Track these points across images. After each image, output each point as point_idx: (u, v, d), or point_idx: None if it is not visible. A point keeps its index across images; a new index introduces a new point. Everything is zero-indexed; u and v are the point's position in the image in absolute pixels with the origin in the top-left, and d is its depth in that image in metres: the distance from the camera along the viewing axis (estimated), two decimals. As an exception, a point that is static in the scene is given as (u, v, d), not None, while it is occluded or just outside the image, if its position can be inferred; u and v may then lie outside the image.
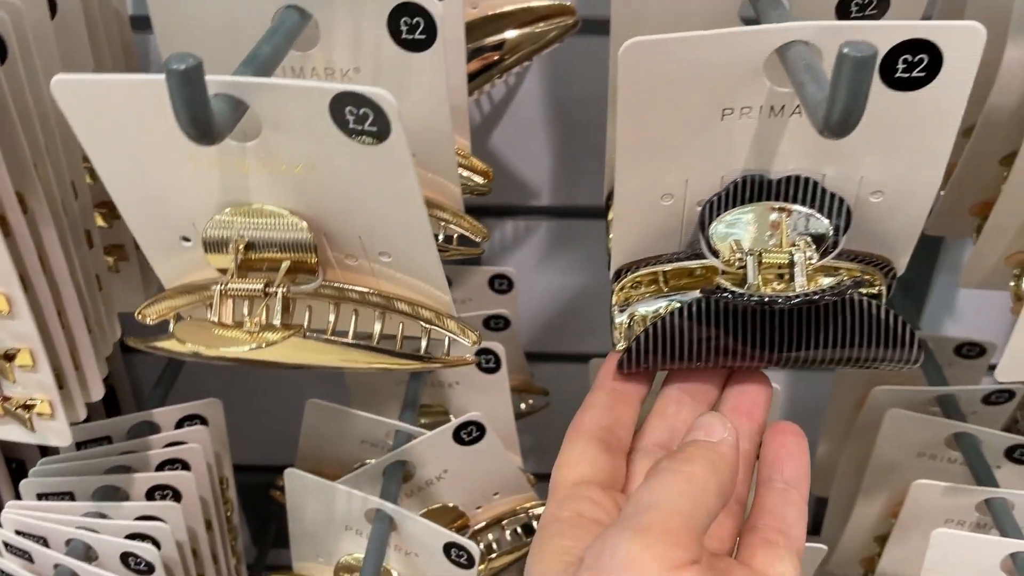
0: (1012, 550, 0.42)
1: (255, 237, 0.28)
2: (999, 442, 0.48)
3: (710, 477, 0.27)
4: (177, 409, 0.51)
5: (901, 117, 0.28)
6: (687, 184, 0.30)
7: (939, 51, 0.26)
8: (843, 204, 0.30)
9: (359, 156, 0.26)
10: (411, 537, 0.45)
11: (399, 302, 0.30)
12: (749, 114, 0.28)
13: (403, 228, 0.28)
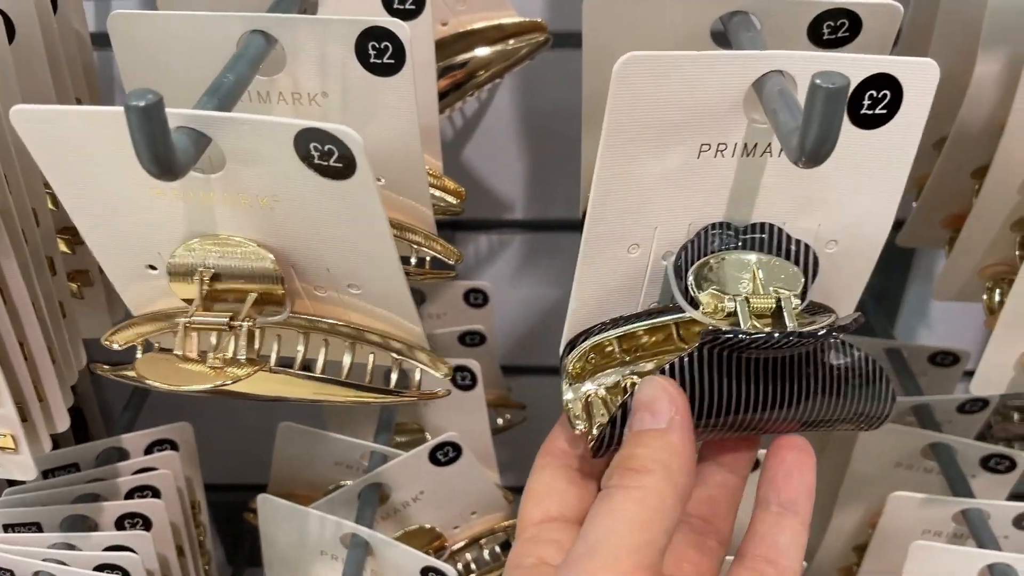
0: (989, 561, 0.43)
1: (221, 268, 0.27)
2: (974, 452, 0.49)
3: (665, 488, 0.25)
4: (146, 434, 0.50)
5: (862, 157, 0.27)
6: (655, 233, 0.29)
7: (900, 87, 0.26)
8: (809, 251, 0.29)
9: (325, 191, 0.25)
10: (387, 561, 0.44)
11: (369, 333, 0.30)
12: (724, 152, 0.27)
13: (371, 261, 0.27)
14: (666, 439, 0.26)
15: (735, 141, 0.27)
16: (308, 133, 0.24)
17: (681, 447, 0.26)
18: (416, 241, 0.37)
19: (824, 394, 0.29)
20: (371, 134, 0.33)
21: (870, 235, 0.29)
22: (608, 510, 0.25)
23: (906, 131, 0.27)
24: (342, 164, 0.24)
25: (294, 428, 0.49)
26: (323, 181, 0.25)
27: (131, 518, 0.46)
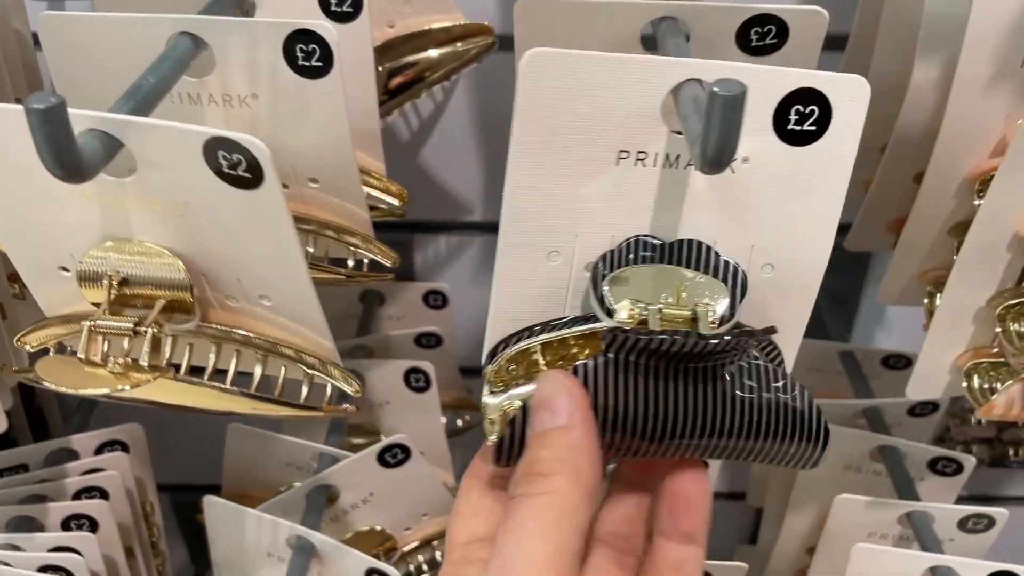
0: (931, 564, 0.43)
1: (130, 273, 0.27)
2: (922, 455, 0.49)
3: (573, 488, 0.24)
4: (96, 435, 0.50)
5: (793, 176, 0.27)
6: (576, 241, 0.28)
7: (828, 103, 0.26)
8: (738, 271, 0.28)
9: (234, 200, 0.25)
10: (333, 563, 0.44)
11: (283, 347, 0.30)
12: (644, 161, 0.27)
13: (280, 273, 0.27)
14: (569, 437, 0.25)
15: (656, 151, 0.27)
16: (216, 142, 0.24)
17: (584, 442, 0.25)
18: (353, 243, 0.37)
19: (744, 424, 0.27)
20: (302, 136, 0.33)
21: (808, 261, 0.28)
22: (517, 524, 0.24)
23: (838, 150, 0.26)
24: (250, 174, 0.24)
25: (244, 429, 0.49)
26: (232, 190, 0.25)
27: (77, 519, 0.46)
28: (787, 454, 0.28)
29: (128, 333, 0.27)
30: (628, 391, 0.26)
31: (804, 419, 0.28)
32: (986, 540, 0.47)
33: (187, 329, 0.28)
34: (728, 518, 0.74)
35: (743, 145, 0.26)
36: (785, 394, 0.27)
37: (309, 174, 0.34)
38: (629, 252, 0.28)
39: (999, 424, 0.65)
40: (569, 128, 0.26)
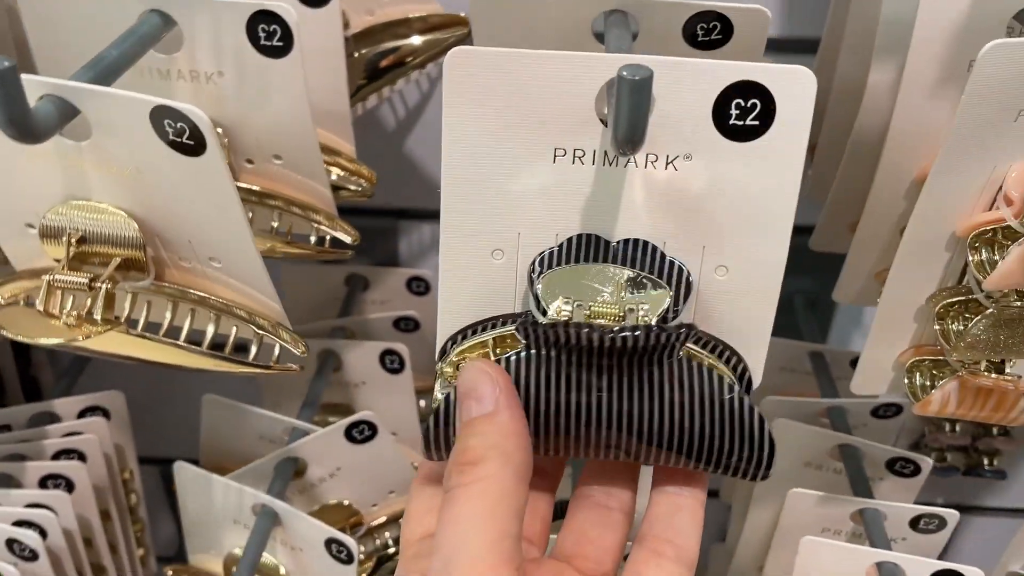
0: (877, 559, 0.44)
1: (89, 232, 0.29)
2: (880, 454, 0.50)
3: (505, 473, 0.24)
4: (78, 400, 0.51)
5: (739, 172, 0.26)
6: (519, 239, 0.28)
7: (771, 96, 0.25)
8: (682, 271, 0.27)
9: (180, 166, 0.27)
10: (295, 532, 0.46)
11: (237, 308, 0.31)
12: (583, 159, 0.26)
13: (226, 237, 0.28)
14: (496, 421, 0.25)
15: (593, 148, 0.26)
16: (161, 110, 0.25)
17: (512, 424, 0.26)
18: (318, 221, 0.38)
19: (673, 426, 0.27)
20: (265, 114, 0.34)
21: (763, 262, 0.28)
22: (454, 516, 0.24)
23: (786, 146, 0.26)
24: (193, 141, 0.26)
25: (218, 401, 0.51)
26: (178, 157, 0.26)
27: (54, 479, 0.48)
28: (728, 463, 0.27)
29: (84, 288, 0.29)
30: (550, 386, 0.26)
31: (744, 428, 0.27)
32: (938, 540, 0.48)
33: (142, 287, 0.30)
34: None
35: (684, 141, 0.26)
36: (722, 400, 0.27)
37: (273, 151, 0.36)
38: (571, 250, 0.28)
39: (973, 432, 0.66)
40: (500, 126, 0.26)
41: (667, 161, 0.27)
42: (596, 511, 0.30)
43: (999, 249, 0.33)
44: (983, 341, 0.34)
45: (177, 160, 0.27)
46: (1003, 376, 0.35)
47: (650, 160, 0.27)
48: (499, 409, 0.26)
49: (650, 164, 0.27)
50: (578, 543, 0.29)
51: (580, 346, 0.26)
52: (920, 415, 0.37)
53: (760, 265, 0.28)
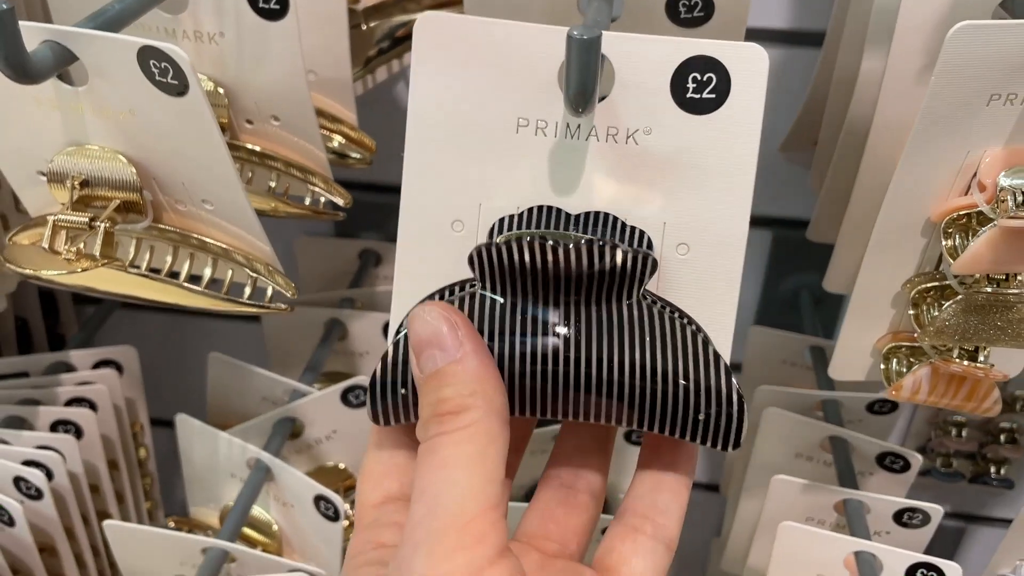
0: (855, 548, 0.44)
1: (90, 175, 0.31)
2: (871, 448, 0.50)
3: (491, 418, 0.24)
4: (93, 352, 0.54)
5: (697, 146, 0.27)
6: (480, 210, 0.28)
7: (726, 71, 0.26)
8: (644, 235, 0.27)
9: (167, 107, 0.28)
10: (286, 488, 0.47)
11: (235, 252, 0.33)
12: (545, 130, 0.27)
13: (215, 178, 0.30)
14: (468, 367, 0.24)
15: (555, 120, 0.27)
16: (147, 51, 0.27)
17: (486, 368, 0.24)
18: (315, 184, 0.40)
19: (636, 369, 0.26)
20: (263, 75, 0.36)
21: (723, 240, 0.27)
22: (440, 461, 0.23)
23: (742, 120, 0.26)
24: (177, 81, 0.27)
25: (223, 359, 0.52)
26: (165, 97, 0.28)
27: (64, 424, 0.50)
28: (696, 419, 0.26)
29: (84, 227, 0.31)
30: (505, 330, 0.26)
31: (711, 375, 0.26)
32: (922, 536, 0.48)
33: (140, 228, 0.32)
34: (703, 510, 0.75)
35: (643, 115, 0.27)
36: (686, 343, 0.26)
37: (271, 112, 0.37)
38: (530, 219, 0.28)
39: (981, 439, 0.65)
40: (466, 95, 0.26)
41: (627, 135, 0.27)
42: (563, 492, 0.29)
43: (972, 235, 0.33)
44: (952, 327, 0.34)
45: (164, 101, 0.28)
46: (975, 364, 0.35)
47: (611, 133, 0.27)
48: (467, 354, 0.24)
49: (611, 138, 0.27)
50: (543, 523, 0.28)
51: (536, 270, 0.25)
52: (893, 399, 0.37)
53: (720, 243, 0.28)
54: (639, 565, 0.26)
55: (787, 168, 0.58)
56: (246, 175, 0.39)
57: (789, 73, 0.54)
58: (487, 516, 0.23)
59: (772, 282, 0.62)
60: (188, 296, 0.32)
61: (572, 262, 0.25)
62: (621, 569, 0.26)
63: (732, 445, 0.26)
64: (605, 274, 0.26)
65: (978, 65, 0.29)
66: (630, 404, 0.26)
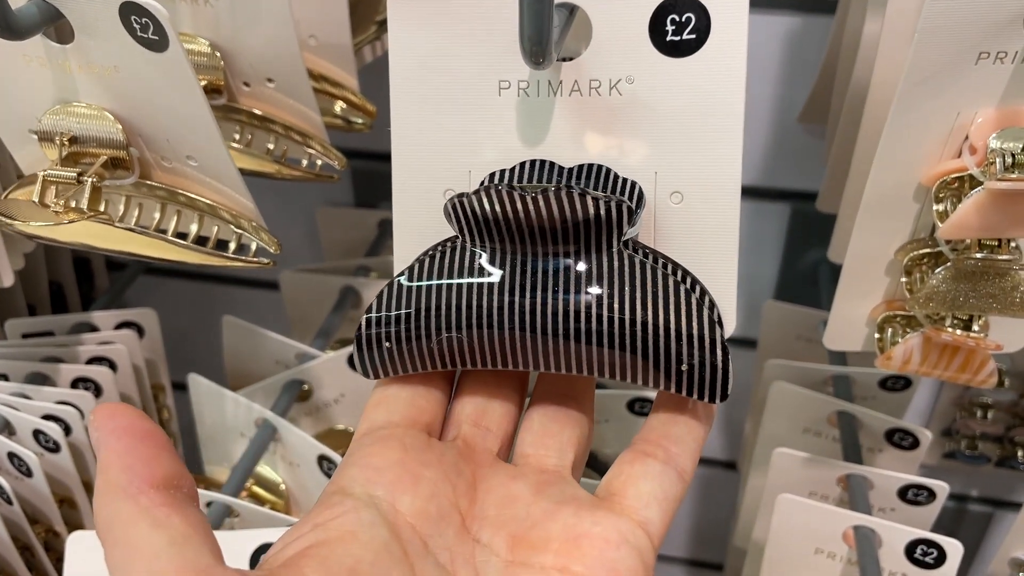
0: (854, 523, 0.43)
1: (78, 132, 0.32)
2: (879, 424, 0.49)
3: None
4: (115, 314, 0.55)
5: (682, 89, 0.26)
6: (470, 176, 0.28)
7: (705, 9, 0.25)
8: (635, 186, 0.27)
9: (149, 62, 0.29)
10: (292, 448, 0.48)
11: (222, 210, 0.34)
12: (528, 91, 0.27)
13: (197, 133, 0.31)
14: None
15: (537, 79, 0.27)
16: (128, 6, 0.28)
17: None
18: (313, 147, 0.40)
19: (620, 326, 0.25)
20: (256, 37, 0.37)
21: (717, 186, 0.27)
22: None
23: (725, 60, 0.26)
24: (158, 36, 0.28)
25: (237, 323, 0.54)
26: (146, 53, 0.29)
27: (84, 382, 0.52)
28: (679, 369, 0.25)
29: (72, 181, 0.32)
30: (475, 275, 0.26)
31: (693, 322, 0.25)
32: (928, 514, 0.47)
33: (127, 183, 0.33)
34: (723, 488, 0.74)
35: (624, 64, 0.27)
36: (667, 290, 0.25)
37: (266, 74, 0.38)
38: (523, 173, 0.28)
39: (1008, 422, 0.63)
40: (445, 61, 0.27)
41: (611, 85, 0.27)
42: (553, 410, 0.28)
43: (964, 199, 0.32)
44: (941, 294, 0.33)
45: (146, 56, 0.29)
46: (968, 333, 0.34)
47: (593, 86, 0.27)
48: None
49: (593, 91, 0.27)
50: (539, 440, 0.28)
51: (508, 219, 0.25)
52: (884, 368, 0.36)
53: (714, 190, 0.27)
54: (647, 487, 0.25)
55: (805, 140, 0.57)
56: (246, 137, 0.40)
57: (806, 41, 0.53)
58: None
59: (791, 256, 0.61)
60: (175, 251, 0.32)
61: (542, 210, 0.25)
62: (628, 491, 0.25)
63: (719, 397, 0.26)
64: (579, 223, 0.25)
65: (963, 22, 0.28)
66: (609, 354, 0.26)
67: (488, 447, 0.28)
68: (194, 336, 0.71)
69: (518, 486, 0.26)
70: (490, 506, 0.26)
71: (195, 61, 0.37)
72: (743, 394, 0.68)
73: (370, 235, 0.65)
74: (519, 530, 0.25)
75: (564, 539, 0.24)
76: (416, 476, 0.25)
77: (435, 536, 0.25)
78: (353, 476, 0.25)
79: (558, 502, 0.25)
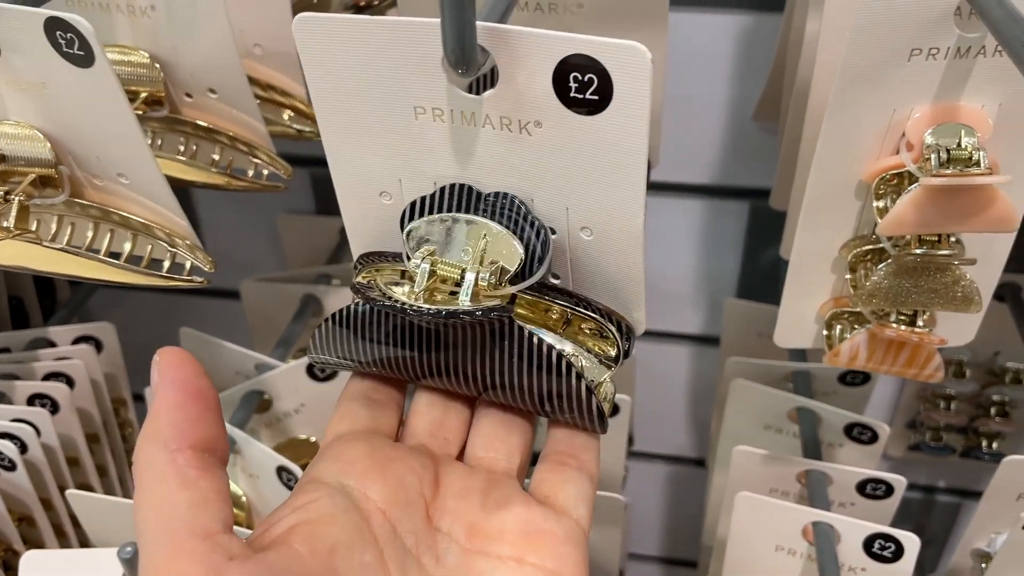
0: (812, 519, 0.43)
1: (6, 151, 0.31)
2: (838, 420, 0.49)
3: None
4: (73, 329, 0.55)
5: (587, 143, 0.26)
6: (401, 184, 0.29)
7: (607, 74, 0.24)
8: (542, 232, 0.28)
9: (76, 79, 0.29)
10: (251, 459, 0.48)
11: (156, 228, 0.33)
12: (442, 116, 0.27)
13: (126, 151, 0.30)
14: None
15: (451, 108, 0.27)
16: (53, 21, 0.27)
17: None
18: (260, 157, 0.40)
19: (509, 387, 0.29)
20: (194, 47, 0.36)
21: (621, 228, 0.28)
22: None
23: (628, 120, 0.25)
24: (83, 52, 0.28)
25: (194, 334, 0.53)
26: (73, 68, 0.28)
27: (41, 399, 0.51)
28: (563, 419, 0.30)
29: (-1, 200, 0.31)
30: (391, 338, 0.29)
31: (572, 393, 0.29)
32: (887, 507, 0.47)
33: (57, 202, 0.32)
34: (693, 485, 0.75)
35: (532, 110, 0.26)
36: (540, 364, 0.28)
37: (207, 84, 0.37)
38: (443, 199, 0.28)
39: (971, 413, 0.64)
40: (360, 87, 0.27)
41: (520, 126, 0.27)
42: (501, 413, 0.31)
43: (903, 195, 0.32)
44: (884, 290, 0.33)
45: (73, 72, 0.29)
46: (912, 328, 0.35)
47: (504, 123, 0.27)
48: None
49: (505, 127, 0.27)
50: (488, 443, 0.31)
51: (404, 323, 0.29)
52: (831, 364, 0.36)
53: (620, 230, 0.28)
54: (573, 490, 0.29)
55: (762, 137, 0.57)
56: (190, 149, 0.40)
57: (760, 40, 0.54)
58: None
59: (752, 254, 0.61)
60: (107, 271, 0.32)
61: (431, 326, 0.28)
62: (558, 495, 0.29)
63: (600, 429, 0.30)
64: (467, 327, 0.28)
65: (895, 19, 0.29)
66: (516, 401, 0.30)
67: (448, 452, 0.31)
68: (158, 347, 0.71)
69: (474, 482, 0.29)
70: (449, 498, 0.28)
71: (134, 73, 0.36)
72: (710, 392, 0.68)
73: (332, 242, 0.64)
74: (475, 520, 0.28)
75: (518, 532, 0.28)
76: (384, 467, 0.28)
77: (403, 520, 0.27)
78: (326, 467, 0.28)
79: (509, 499, 0.28)
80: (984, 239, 0.34)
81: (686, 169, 0.59)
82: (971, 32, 0.29)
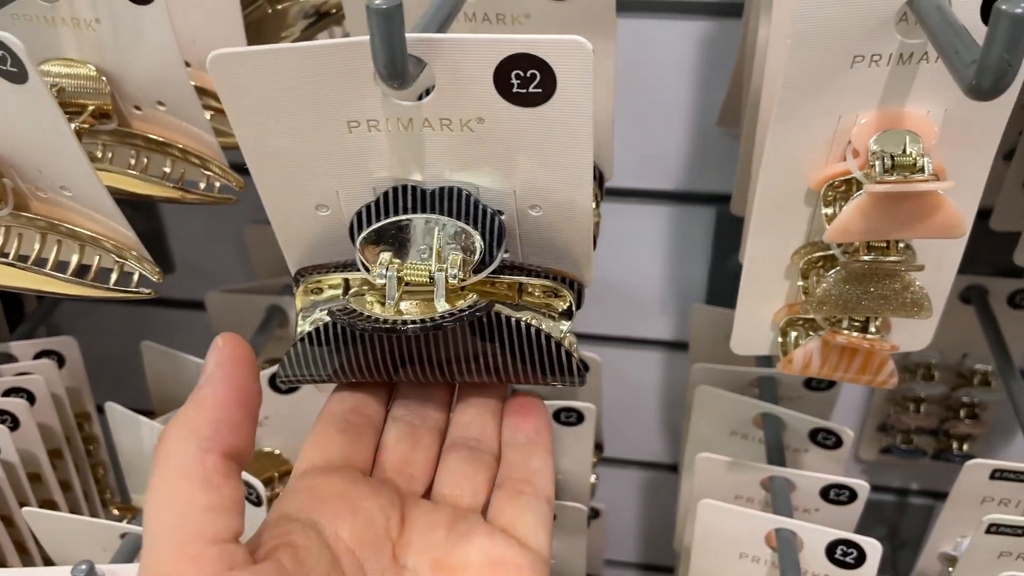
0: (775, 526, 0.43)
1: (-50, 165, 0.31)
2: (803, 425, 0.49)
3: None
4: (34, 343, 0.54)
5: (532, 132, 0.27)
6: (339, 195, 0.29)
7: (550, 68, 0.25)
8: (495, 219, 0.28)
9: (12, 95, 0.28)
10: (212, 473, 0.47)
11: (104, 239, 0.33)
12: (378, 126, 0.27)
13: (66, 164, 0.30)
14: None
15: (386, 117, 0.27)
16: (-15, 39, 0.27)
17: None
18: (212, 169, 0.40)
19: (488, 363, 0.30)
20: (141, 61, 0.36)
21: (570, 203, 0.29)
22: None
23: (573, 110, 0.26)
24: (16, 68, 0.27)
25: (155, 348, 0.53)
26: (7, 85, 0.28)
27: (1, 414, 0.50)
28: (544, 382, 0.31)
29: (-55, 217, 0.31)
30: (365, 347, 0.30)
31: (543, 349, 0.30)
32: (851, 513, 0.47)
33: (3, 215, 0.32)
34: (667, 491, 0.74)
35: (473, 107, 0.27)
36: (521, 337, 0.30)
37: (155, 97, 0.37)
38: (388, 203, 0.28)
39: (941, 415, 0.64)
40: (286, 112, 0.27)
41: (461, 124, 0.27)
42: (468, 451, 0.32)
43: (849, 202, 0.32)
44: (834, 297, 0.33)
45: (7, 89, 0.28)
46: (864, 335, 0.34)
47: (444, 124, 0.27)
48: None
49: (445, 128, 0.27)
50: (454, 481, 0.31)
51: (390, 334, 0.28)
52: (785, 372, 0.36)
53: (569, 203, 0.29)
54: (531, 518, 0.30)
55: (726, 143, 0.57)
56: (141, 162, 0.39)
57: (720, 45, 0.54)
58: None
59: (719, 259, 0.61)
60: (53, 283, 0.32)
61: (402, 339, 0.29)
62: (517, 524, 0.30)
63: (579, 382, 0.32)
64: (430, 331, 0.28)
65: (835, 26, 0.28)
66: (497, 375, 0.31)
67: (414, 490, 0.31)
68: (124, 359, 0.70)
69: (438, 518, 0.29)
70: (415, 534, 0.29)
71: (80, 86, 0.36)
72: (681, 397, 0.68)
73: (299, 252, 0.64)
74: (440, 556, 0.28)
75: (481, 564, 0.28)
76: (355, 507, 0.28)
77: (371, 560, 0.27)
78: (299, 504, 0.28)
79: (471, 532, 0.29)
80: (937, 244, 0.34)
81: (652, 175, 0.59)
82: (913, 39, 0.29)
